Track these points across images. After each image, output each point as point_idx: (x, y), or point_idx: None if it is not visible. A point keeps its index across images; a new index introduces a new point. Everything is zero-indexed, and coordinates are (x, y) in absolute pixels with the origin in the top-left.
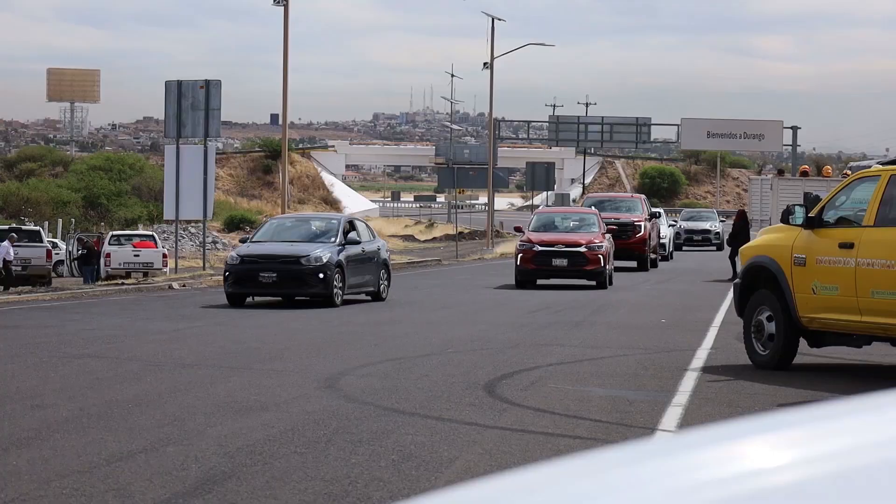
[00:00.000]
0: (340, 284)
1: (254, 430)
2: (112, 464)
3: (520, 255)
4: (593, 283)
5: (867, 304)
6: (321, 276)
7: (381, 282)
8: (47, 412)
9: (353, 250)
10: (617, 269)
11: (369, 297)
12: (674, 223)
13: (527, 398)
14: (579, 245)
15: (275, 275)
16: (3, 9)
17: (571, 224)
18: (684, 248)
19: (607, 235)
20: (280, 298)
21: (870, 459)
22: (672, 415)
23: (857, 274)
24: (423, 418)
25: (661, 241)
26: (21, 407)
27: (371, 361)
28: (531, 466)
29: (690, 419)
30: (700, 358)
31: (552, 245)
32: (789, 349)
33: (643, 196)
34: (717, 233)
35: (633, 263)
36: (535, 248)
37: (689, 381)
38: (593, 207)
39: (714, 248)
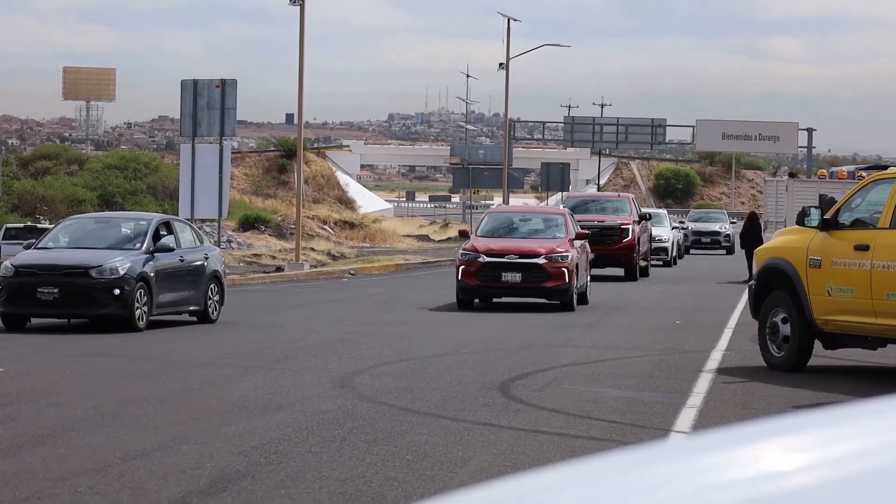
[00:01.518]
0: (145, 302)
1: (268, 429)
2: (126, 462)
3: (461, 268)
4: (556, 303)
5: (882, 306)
6: (116, 291)
7: (209, 299)
8: (62, 410)
9: (165, 260)
10: (602, 279)
11: (194, 318)
12: (678, 225)
13: (541, 399)
14: (537, 255)
15: (56, 290)
16: (20, 9)
17: (532, 227)
18: (692, 251)
19: (579, 243)
20: (67, 320)
21: (885, 463)
22: (686, 416)
23: (873, 276)
24: (437, 418)
25: (663, 244)
26: (36, 405)
27: (385, 361)
28: (547, 467)
29: (705, 421)
30: (714, 359)
31: (503, 255)
32: (804, 351)
33: (631, 196)
34: (728, 235)
35: (621, 272)
36: (480, 259)
37: (703, 383)
38: (562, 207)
39: (724, 251)
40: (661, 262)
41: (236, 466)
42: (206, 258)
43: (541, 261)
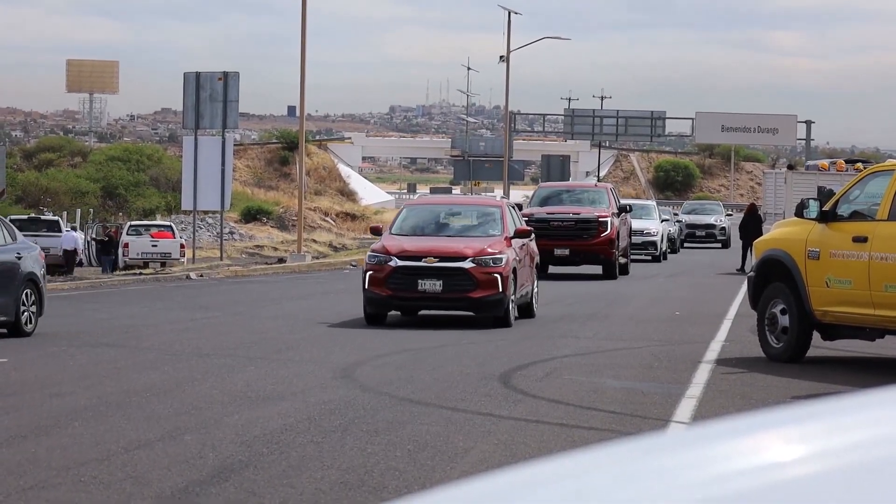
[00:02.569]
0: None
1: (271, 419)
2: (130, 452)
3: (368, 274)
4: (487, 316)
5: (881, 297)
6: None
7: (21, 307)
8: (66, 400)
9: None
10: (577, 277)
11: (4, 330)
12: (668, 218)
13: (541, 389)
14: (463, 257)
15: None
16: (24, 2)
17: (461, 223)
18: (686, 244)
19: (519, 242)
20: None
21: (885, 453)
22: (686, 407)
23: (871, 268)
24: (438, 408)
25: (651, 238)
26: (40, 395)
27: (386, 352)
28: (548, 457)
29: (704, 411)
30: (714, 350)
31: (419, 258)
32: (803, 342)
33: (609, 185)
34: (723, 228)
35: (599, 269)
36: (391, 263)
37: (702, 374)
38: (500, 198)
39: (719, 244)
40: (649, 258)
41: (239, 456)
42: (19, 258)
43: (467, 265)
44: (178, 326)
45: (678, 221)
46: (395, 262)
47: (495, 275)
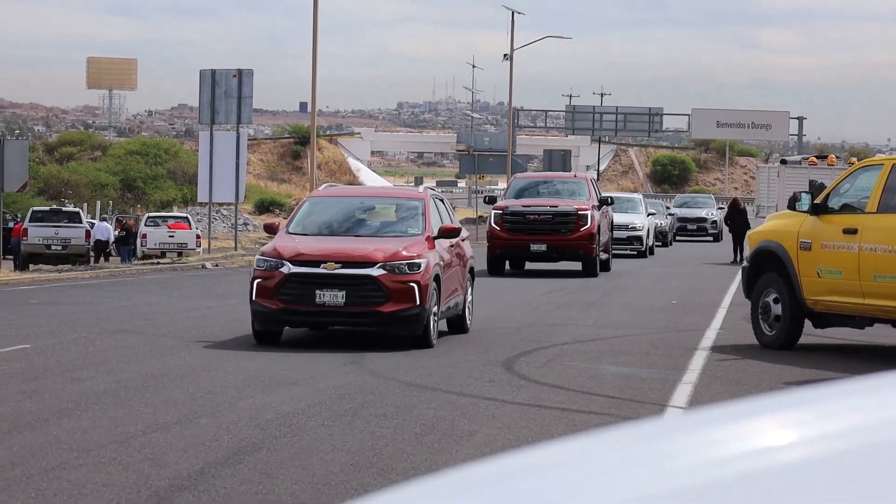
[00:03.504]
0: None
1: (283, 403)
2: (148, 434)
3: (256, 283)
4: (402, 334)
5: (870, 287)
6: None
7: None
8: (86, 385)
9: None
10: (555, 273)
11: None
12: (654, 212)
13: (543, 375)
14: (371, 262)
15: None
16: (46, 1)
17: (376, 220)
18: (677, 238)
19: (446, 242)
20: None
21: (875, 438)
22: (682, 392)
23: (861, 258)
24: (444, 393)
25: (637, 232)
26: (61, 380)
27: (394, 340)
28: (550, 441)
29: (700, 397)
30: (709, 338)
31: (317, 263)
32: (795, 330)
33: (590, 176)
34: (715, 221)
35: (579, 265)
36: (283, 269)
37: (698, 360)
38: (424, 189)
39: (710, 238)
40: (634, 253)
41: (252, 439)
42: None
43: (376, 271)
44: (195, 314)
45: (670, 215)
46: (288, 269)
47: (411, 284)
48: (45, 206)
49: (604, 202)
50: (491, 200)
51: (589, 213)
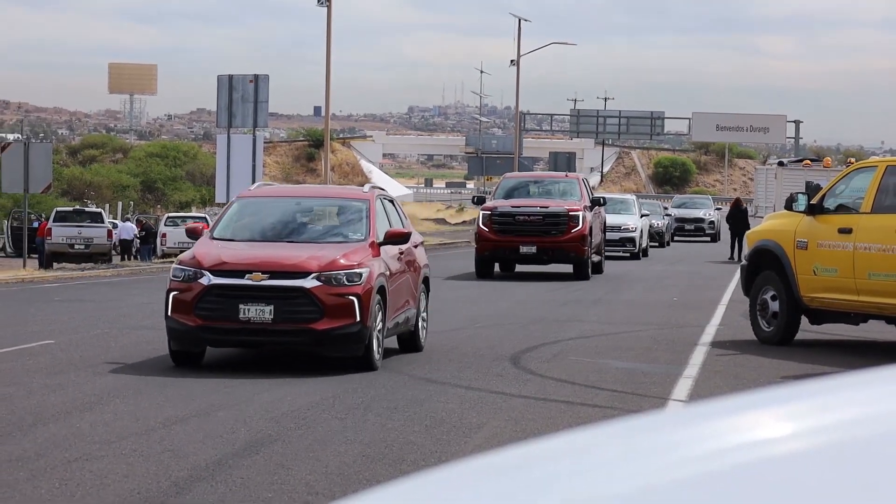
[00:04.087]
0: None
1: (298, 397)
2: (168, 427)
3: (172, 295)
4: (340, 355)
5: (864, 285)
6: None
7: None
8: (108, 379)
9: None
10: (544, 277)
11: None
12: (648, 213)
13: (549, 369)
14: (304, 272)
15: None
16: (70, 8)
17: (315, 224)
18: (675, 238)
19: (393, 250)
20: None
21: (870, 431)
22: (683, 386)
23: (855, 257)
24: (453, 387)
25: (629, 234)
26: (84, 374)
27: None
28: (555, 433)
29: (700, 390)
30: (709, 333)
31: (242, 273)
32: (792, 326)
33: (582, 176)
34: (713, 221)
35: (570, 268)
36: (202, 280)
37: (698, 355)
38: (369, 189)
39: (708, 238)
40: (627, 255)
41: (268, 431)
42: None
43: (309, 283)
44: None
45: (667, 215)
46: (208, 280)
47: (350, 297)
48: (68, 206)
49: (596, 203)
50: (480, 201)
51: (580, 213)
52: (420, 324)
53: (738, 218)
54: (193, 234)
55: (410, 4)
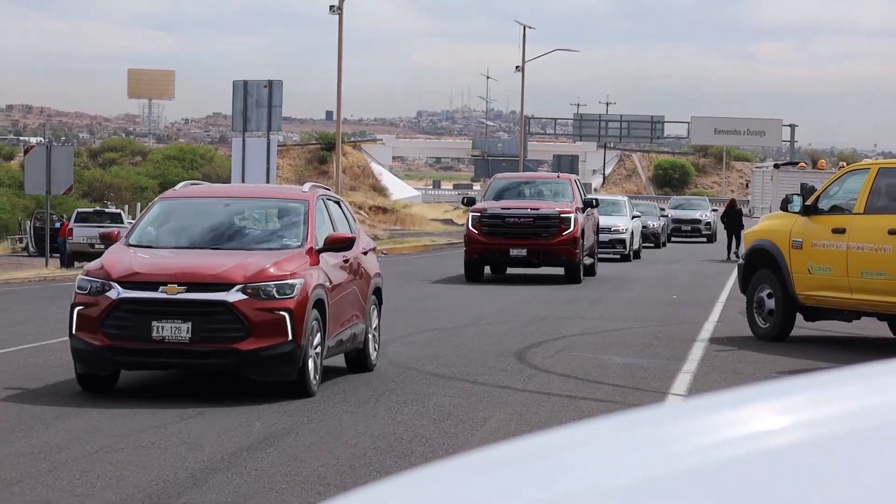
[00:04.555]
0: None
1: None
2: (185, 420)
3: (77, 311)
4: (269, 379)
5: (857, 283)
6: None
7: None
8: (126, 376)
9: None
10: (534, 280)
11: None
12: (638, 214)
13: (552, 365)
14: (227, 284)
15: None
16: (91, 17)
17: (245, 228)
18: (672, 239)
19: (334, 259)
20: None
21: (863, 424)
22: (682, 381)
23: (849, 256)
24: (460, 382)
25: (620, 235)
26: None
27: (413, 331)
28: (559, 427)
29: (699, 385)
30: (707, 330)
31: (156, 285)
32: (787, 323)
33: (574, 177)
34: (709, 223)
35: (561, 270)
36: (110, 294)
37: (697, 351)
38: (310, 188)
39: (704, 239)
40: (617, 257)
41: (282, 424)
42: None
43: (233, 296)
44: None
45: (664, 216)
46: (117, 293)
47: (281, 313)
48: (88, 207)
49: (588, 204)
50: (470, 202)
51: (572, 215)
52: (371, 340)
53: (733, 218)
54: (108, 239)
55: (419, 13)
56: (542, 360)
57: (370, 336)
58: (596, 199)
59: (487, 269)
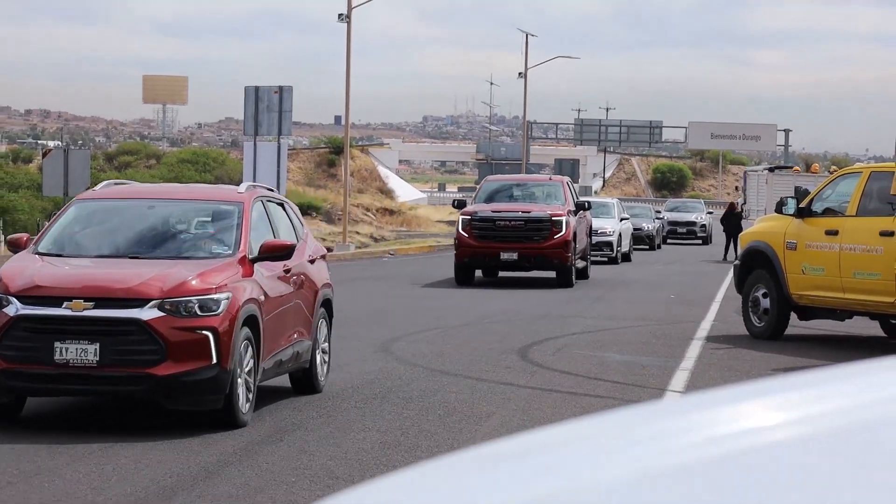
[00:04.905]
0: None
1: None
2: (197, 416)
3: None
4: (192, 408)
5: (850, 283)
6: None
7: None
8: None
9: None
10: (525, 284)
11: None
12: (627, 217)
13: (554, 362)
14: (141, 299)
15: None
16: (106, 24)
17: (167, 235)
18: (668, 241)
19: (272, 266)
20: None
21: (854, 420)
22: (680, 378)
23: (841, 257)
24: (464, 378)
25: (607, 238)
26: None
27: (419, 330)
28: (560, 422)
29: (696, 382)
30: (704, 329)
31: (61, 300)
32: (782, 322)
33: (566, 179)
34: (704, 225)
35: (552, 274)
36: (8, 310)
37: (694, 349)
38: (246, 189)
39: (699, 241)
40: (605, 259)
41: (292, 419)
42: None
43: (147, 313)
44: None
45: (658, 218)
46: (16, 309)
47: (204, 332)
48: None
49: (580, 207)
50: (461, 205)
51: (564, 218)
52: (319, 359)
53: (732, 221)
54: (15, 247)
55: (425, 20)
56: (543, 357)
57: (318, 354)
58: (588, 202)
59: (479, 273)
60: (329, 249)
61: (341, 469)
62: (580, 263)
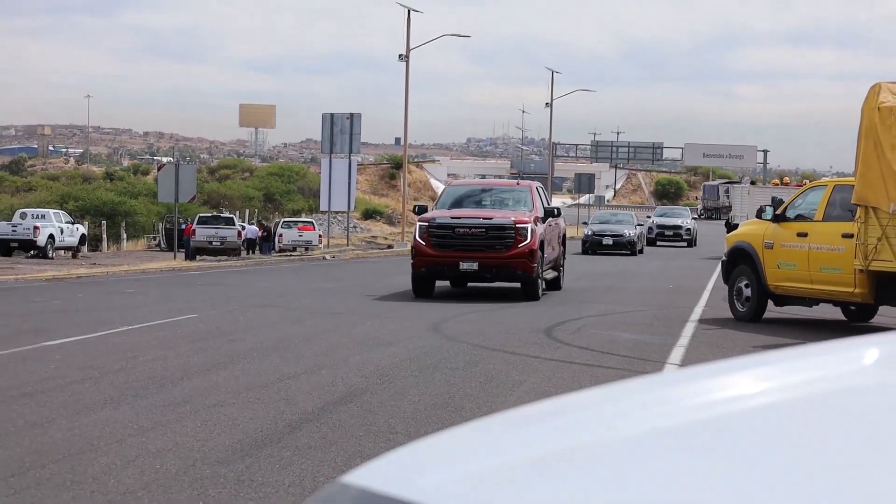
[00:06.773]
0: None
1: (382, 359)
2: (283, 381)
3: None
4: None
5: (817, 276)
6: None
7: None
8: (237, 345)
9: None
10: (487, 296)
11: None
12: (641, 224)
13: (574, 339)
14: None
15: None
16: (207, 62)
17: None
18: (657, 243)
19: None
20: None
21: (824, 388)
22: (677, 353)
23: (810, 255)
24: (500, 352)
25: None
26: (219, 341)
27: (464, 312)
28: (580, 390)
29: (690, 356)
30: (697, 313)
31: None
32: (761, 308)
33: (536, 184)
34: (689, 229)
35: (517, 285)
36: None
37: (689, 329)
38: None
39: (685, 244)
40: (560, 274)
41: (360, 385)
42: None
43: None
44: (318, 293)
45: (639, 225)
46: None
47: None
48: (208, 213)
49: (550, 213)
50: (421, 210)
51: (529, 226)
52: (561, 273)
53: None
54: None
55: (469, 61)
56: (565, 335)
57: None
58: (557, 209)
59: (447, 283)
60: (390, 246)
61: (401, 426)
62: (550, 274)
